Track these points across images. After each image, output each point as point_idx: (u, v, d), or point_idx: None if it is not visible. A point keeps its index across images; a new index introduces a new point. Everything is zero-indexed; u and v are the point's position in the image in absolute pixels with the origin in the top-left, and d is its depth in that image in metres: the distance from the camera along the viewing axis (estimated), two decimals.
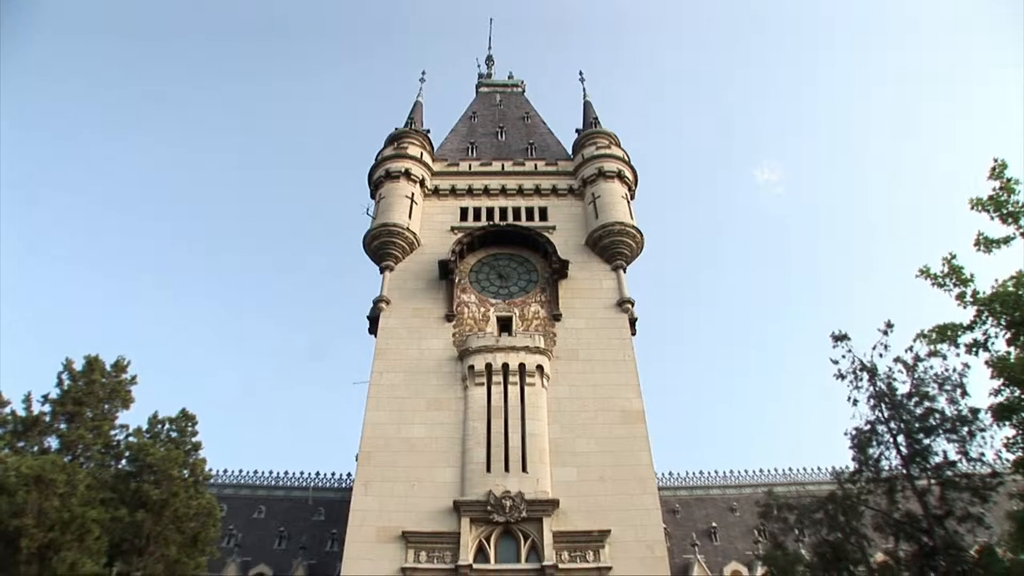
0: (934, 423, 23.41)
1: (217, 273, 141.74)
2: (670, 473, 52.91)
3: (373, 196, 54.27)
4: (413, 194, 52.24)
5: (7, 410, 22.77)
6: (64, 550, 18.82)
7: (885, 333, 24.54)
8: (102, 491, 21.81)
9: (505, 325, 45.44)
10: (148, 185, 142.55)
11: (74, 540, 19.15)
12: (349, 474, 49.96)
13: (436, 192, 54.21)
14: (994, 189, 20.37)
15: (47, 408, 23.22)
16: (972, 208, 20.68)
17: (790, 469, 53.83)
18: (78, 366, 23.79)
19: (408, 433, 40.59)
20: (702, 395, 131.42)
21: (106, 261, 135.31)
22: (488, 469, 39.10)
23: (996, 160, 20.26)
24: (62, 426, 23.04)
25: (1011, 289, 19.48)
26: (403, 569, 35.99)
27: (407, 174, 53.37)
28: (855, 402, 25.23)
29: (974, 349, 20.23)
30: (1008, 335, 19.55)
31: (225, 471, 52.24)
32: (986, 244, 20.48)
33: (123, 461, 24.23)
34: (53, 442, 22.97)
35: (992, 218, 20.40)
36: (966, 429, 22.67)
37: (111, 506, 21.68)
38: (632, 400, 42.08)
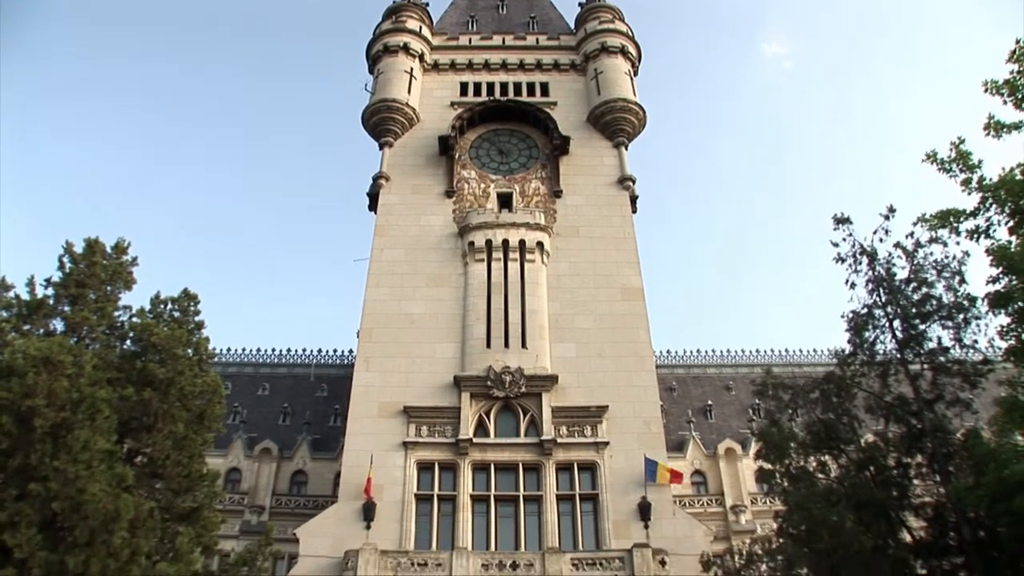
0: (930, 309, 23.52)
1: (213, 152, 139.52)
2: (668, 351, 53.82)
3: (371, 71, 53.26)
4: (412, 69, 51.24)
5: (11, 294, 22.87)
6: (76, 429, 19.16)
7: (887, 218, 24.43)
8: (109, 371, 22.09)
9: (505, 201, 45.27)
10: (140, 59, 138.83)
11: (85, 419, 19.48)
12: (351, 351, 50.65)
13: (435, 67, 53.12)
14: (1012, 72, 19.83)
15: (50, 292, 23.29)
16: (986, 91, 20.18)
17: (786, 350, 54.72)
18: (78, 249, 23.79)
19: (409, 309, 40.95)
20: (702, 275, 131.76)
21: (99, 140, 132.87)
22: (488, 345, 39.63)
23: (1019, 42, 19.57)
24: (66, 309, 23.15)
25: (1018, 177, 19.21)
26: (405, 443, 36.87)
27: (406, 48, 52.22)
28: (853, 286, 25.30)
29: (975, 236, 20.06)
30: (1011, 223, 19.38)
31: (229, 350, 53.15)
32: (996, 129, 20.05)
33: (128, 342, 24.45)
34: (58, 325, 23.14)
35: (1006, 102, 19.92)
36: (962, 316, 22.79)
37: (118, 386, 21.98)
38: (631, 277, 42.34)
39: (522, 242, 42.61)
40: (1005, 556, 20.27)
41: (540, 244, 42.75)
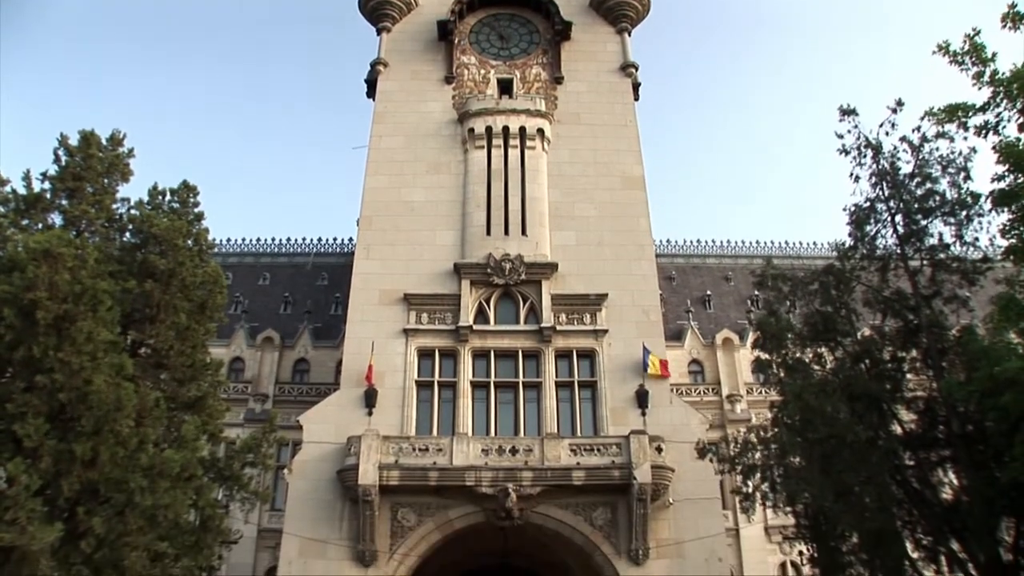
0: (933, 205, 23.30)
1: (209, 43, 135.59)
2: (668, 240, 53.67)
3: None
4: None
5: (7, 189, 22.65)
6: (79, 320, 19.28)
7: (894, 111, 23.92)
8: (110, 264, 22.13)
9: (506, 87, 44.45)
10: None
11: (88, 311, 19.58)
12: (351, 239, 50.59)
13: None
14: None
15: (47, 186, 23.06)
16: None
17: (786, 242, 54.60)
18: (74, 142, 23.46)
19: (408, 197, 40.73)
20: (704, 165, 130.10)
21: (93, 35, 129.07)
22: (488, 232, 39.60)
23: None
24: (64, 202, 22.96)
25: None
26: (405, 330, 37.23)
27: None
28: (856, 179, 24.97)
29: (983, 132, 19.69)
30: (1021, 120, 19.04)
31: (228, 240, 53.00)
32: (1015, 20, 19.46)
33: (127, 234, 24.40)
34: (57, 219, 23.00)
35: None
36: (964, 213, 22.56)
37: (120, 278, 22.03)
38: (632, 166, 41.99)
39: (522, 129, 42.08)
40: (990, 450, 20.69)
41: (541, 131, 42.24)
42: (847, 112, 25.25)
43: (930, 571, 23.24)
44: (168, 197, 25.46)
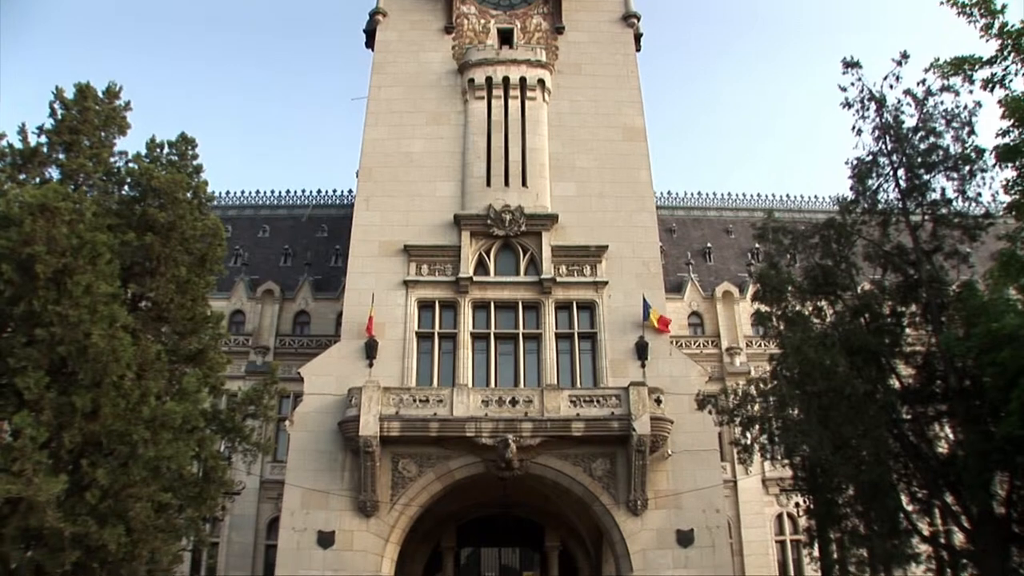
0: (936, 159, 23.13)
1: None
2: (668, 192, 53.18)
3: None
4: None
5: (3, 143, 22.41)
6: (78, 274, 19.25)
7: (899, 63, 23.64)
8: (108, 217, 21.99)
9: (506, 37, 43.89)
10: None
11: (87, 264, 19.55)
12: (350, 191, 50.21)
13: None
14: None
15: (43, 140, 22.83)
16: None
17: (788, 196, 53.97)
18: (69, 95, 23.18)
19: (408, 148, 40.45)
20: (706, 117, 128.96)
21: None
22: (488, 183, 39.41)
23: None
24: (60, 156, 22.72)
25: None
26: (405, 282, 37.24)
27: None
28: (859, 132, 24.77)
29: (989, 86, 19.44)
30: None
31: (227, 193, 52.52)
32: None
33: (126, 187, 24.20)
34: (54, 173, 22.80)
35: None
36: (968, 168, 22.41)
37: (119, 231, 21.92)
38: (634, 117, 41.61)
39: (523, 79, 41.66)
40: (986, 405, 20.88)
41: (541, 82, 41.84)
42: (850, 65, 25.03)
43: (923, 523, 23.53)
44: (166, 150, 25.22)
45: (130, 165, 24.04)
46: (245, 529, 41.24)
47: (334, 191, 54.00)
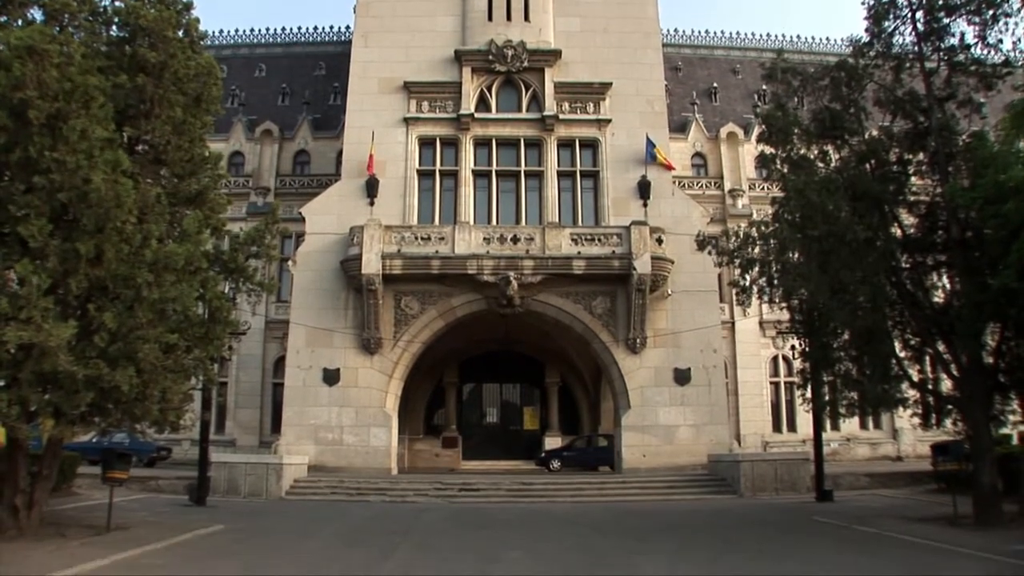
0: (958, 2, 21.97)
1: None
2: (675, 30, 51.02)
3: None
4: None
5: None
6: (72, 118, 18.84)
7: None
8: (98, 59, 21.23)
9: None
10: None
11: (80, 108, 19.05)
12: (348, 27, 48.50)
13: None
14: None
15: None
16: None
17: (798, 36, 52.27)
18: None
19: None
20: None
21: None
22: (490, 18, 38.30)
23: None
24: None
25: None
26: (406, 119, 36.81)
27: None
28: None
29: None
30: None
31: (221, 32, 50.51)
32: None
33: (114, 28, 23.34)
34: (37, 15, 21.89)
35: None
36: (991, 12, 21.22)
37: (110, 73, 21.24)
38: None
39: None
40: (986, 257, 20.79)
41: None
42: None
43: (914, 370, 23.95)
44: None
45: (116, 4, 23.03)
46: (252, 368, 42.21)
47: (331, 27, 51.90)
